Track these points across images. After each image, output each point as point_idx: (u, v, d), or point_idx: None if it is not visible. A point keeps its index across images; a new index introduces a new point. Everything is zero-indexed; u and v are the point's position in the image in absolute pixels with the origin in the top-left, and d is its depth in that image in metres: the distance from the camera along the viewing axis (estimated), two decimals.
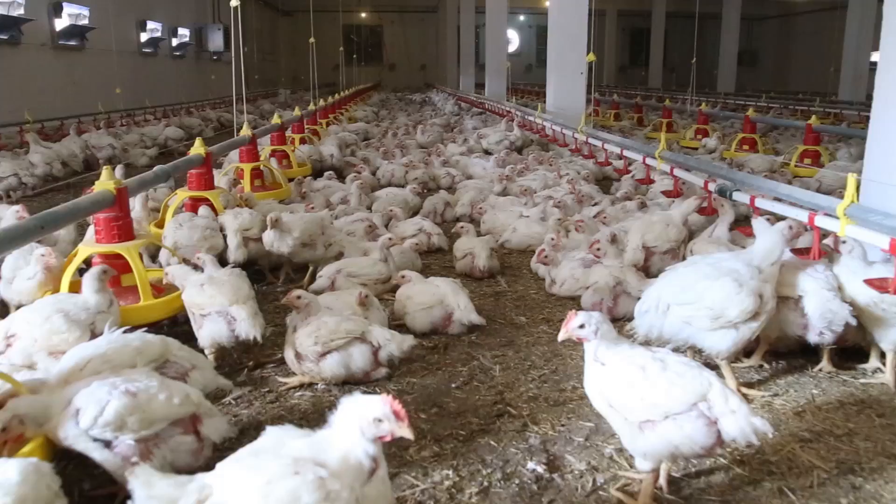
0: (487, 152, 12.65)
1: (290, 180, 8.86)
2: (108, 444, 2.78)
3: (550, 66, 13.70)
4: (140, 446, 2.78)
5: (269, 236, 5.42)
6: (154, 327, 4.47)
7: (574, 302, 5.27)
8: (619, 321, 4.88)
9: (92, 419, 2.73)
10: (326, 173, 9.41)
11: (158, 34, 24.34)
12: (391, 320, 4.90)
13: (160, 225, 5.92)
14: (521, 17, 47.95)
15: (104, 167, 4.45)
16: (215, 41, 29.13)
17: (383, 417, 2.25)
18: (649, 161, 7.38)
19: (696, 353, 4.02)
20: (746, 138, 12.62)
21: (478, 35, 33.11)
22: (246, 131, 7.88)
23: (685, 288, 3.84)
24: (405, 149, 12.65)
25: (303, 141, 11.37)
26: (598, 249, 5.16)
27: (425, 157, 11.51)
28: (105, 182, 4.32)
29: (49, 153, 10.16)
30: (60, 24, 17.67)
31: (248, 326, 3.92)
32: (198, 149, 6.12)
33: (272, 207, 6.56)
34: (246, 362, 4.28)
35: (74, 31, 17.91)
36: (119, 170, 8.31)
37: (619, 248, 5.87)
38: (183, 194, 6.15)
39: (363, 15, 47.27)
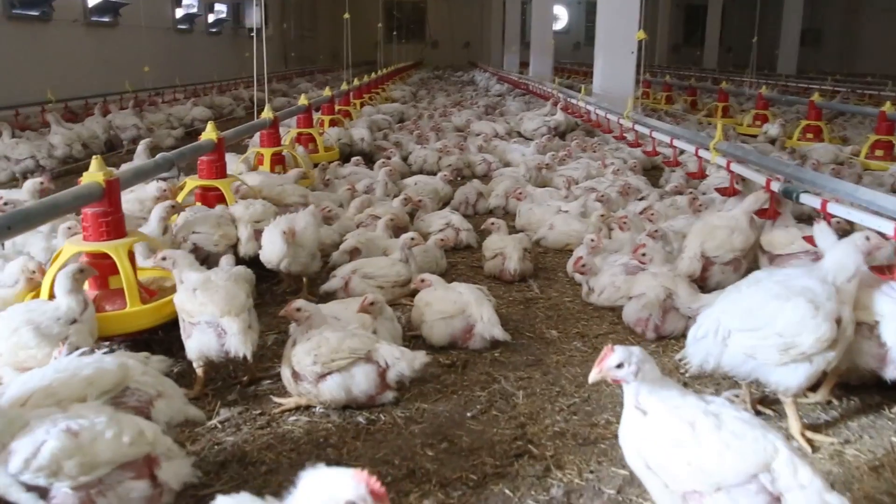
0: (526, 138, 12.01)
1: (317, 165, 8.40)
2: (43, 494, 2.34)
3: (598, 45, 12.92)
4: (80, 495, 2.33)
5: (277, 250, 4.77)
6: (149, 332, 4.07)
7: (614, 313, 4.69)
8: (665, 339, 4.30)
9: (23, 462, 2.29)
10: (353, 159, 8.92)
11: (195, 10, 24.07)
12: (407, 330, 4.41)
13: None
14: None
15: (94, 157, 4.00)
16: (253, 17, 28.77)
17: (358, 501, 1.73)
18: (703, 153, 6.69)
19: (758, 387, 3.43)
20: (811, 126, 11.70)
21: (524, 11, 32.14)
22: (267, 114, 7.40)
23: (751, 311, 3.24)
24: (441, 132, 12.09)
25: (333, 123, 10.87)
26: (644, 255, 4.56)
27: (460, 141, 10.92)
28: (93, 174, 3.87)
29: (70, 134, 9.85)
30: None
31: (237, 343, 3.44)
32: (209, 133, 5.66)
33: (282, 195, 6.08)
34: (240, 377, 3.82)
35: (107, 7, 17.70)
36: (142, 147, 8.12)
37: (667, 250, 5.31)
38: (192, 183, 5.71)
39: None
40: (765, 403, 3.59)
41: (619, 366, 2.45)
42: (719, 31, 39.04)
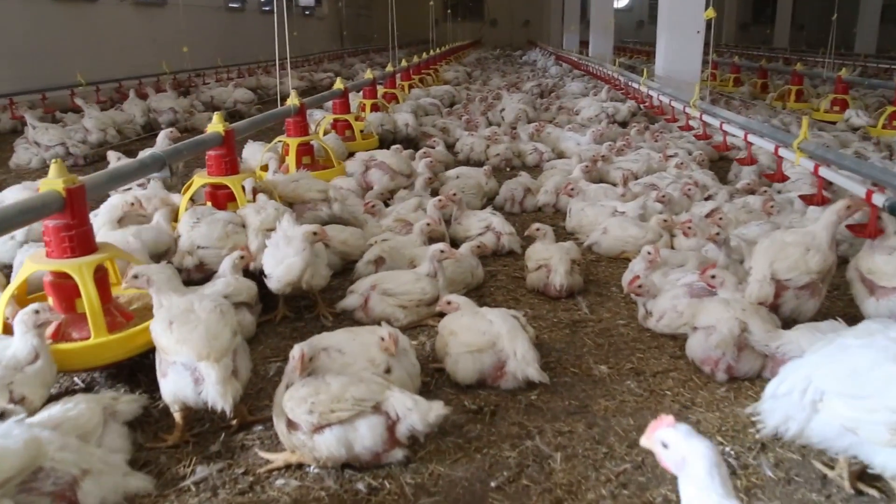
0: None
1: (352, 155, 7.81)
2: None
3: (661, 24, 11.96)
4: None
5: (297, 264, 4.11)
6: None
7: (676, 343, 3.96)
8: (737, 380, 3.57)
9: None
10: (393, 147, 8.27)
11: None
12: (431, 359, 3.79)
13: None
14: None
15: (53, 161, 3.48)
16: None
17: None
18: (784, 153, 5.83)
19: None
20: None
21: None
22: (294, 100, 6.83)
23: (856, 372, 2.51)
24: (491, 115, 11.39)
25: (375, 108, 10.26)
26: (714, 278, 3.82)
27: (510, 128, 10.18)
28: (52, 181, 3.34)
29: (103, 118, 9.50)
30: None
31: (215, 394, 2.86)
32: (215, 125, 5.10)
33: (297, 192, 5.49)
34: (228, 420, 3.26)
35: None
36: (162, 136, 7.62)
37: (733, 258, 4.55)
38: (200, 180, 5.17)
39: None
40: (866, 479, 2.85)
41: (665, 445, 1.80)
42: (791, 9, 36.96)
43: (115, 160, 6.83)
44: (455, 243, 5.51)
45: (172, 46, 16.36)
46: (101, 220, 4.58)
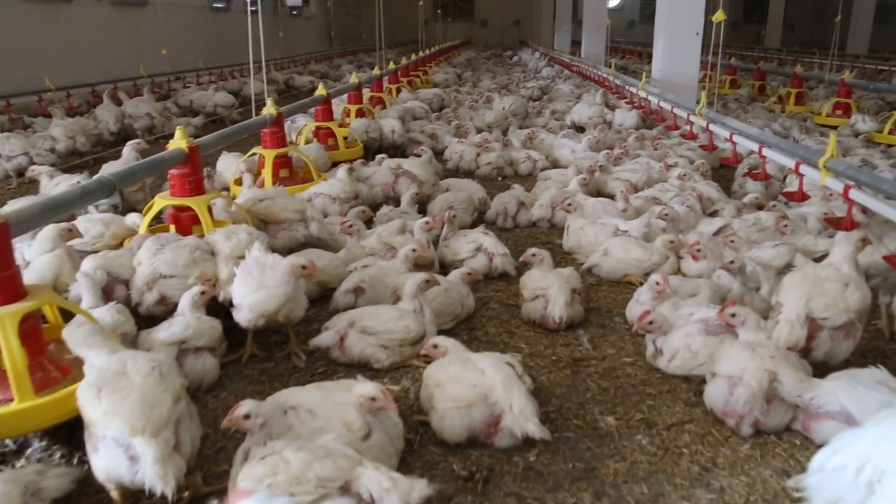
0: (580, 129, 10.74)
1: (336, 165, 7.36)
2: None
3: (659, 25, 11.52)
4: None
5: (276, 294, 3.66)
6: None
7: (689, 385, 3.54)
8: (764, 434, 3.14)
9: None
10: (378, 156, 7.83)
11: None
12: (415, 409, 3.34)
13: None
14: None
15: None
16: None
17: None
18: (806, 170, 5.39)
19: None
20: None
21: None
22: (270, 109, 6.37)
23: None
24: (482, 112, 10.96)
25: (360, 113, 9.80)
26: (734, 316, 3.39)
27: (501, 134, 9.74)
28: None
29: (72, 126, 8.99)
30: None
31: (153, 475, 2.38)
32: (178, 141, 4.62)
33: (271, 210, 5.03)
34: (181, 492, 2.79)
35: None
36: (128, 150, 7.11)
37: (748, 286, 4.14)
38: (162, 202, 4.70)
39: None
40: None
41: None
42: (783, 8, 36.68)
43: (47, 181, 6.26)
44: (443, 266, 5.09)
45: (153, 48, 15.83)
46: (34, 252, 4.11)
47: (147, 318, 3.96)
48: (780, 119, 11.49)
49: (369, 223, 5.72)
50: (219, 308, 3.92)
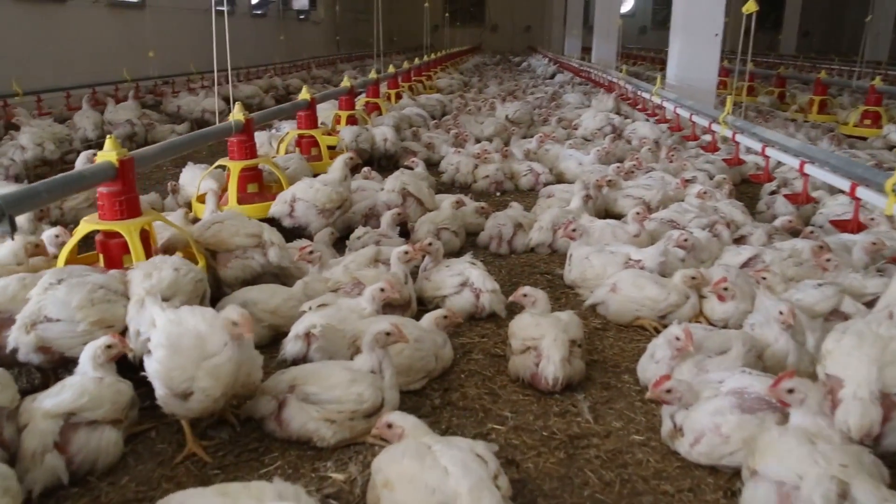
0: (586, 139, 9.95)
1: (316, 176, 6.61)
2: None
3: (675, 26, 10.73)
4: None
5: (223, 369, 2.83)
6: None
7: (719, 481, 2.75)
8: None
9: None
10: (364, 169, 7.09)
11: None
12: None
13: None
14: None
15: None
16: None
17: None
18: (865, 194, 4.57)
19: None
20: None
21: None
22: (238, 115, 5.63)
23: None
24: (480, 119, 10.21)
25: (351, 120, 9.06)
26: (792, 393, 2.60)
27: (502, 145, 8.97)
28: None
29: (39, 132, 8.31)
30: None
31: None
32: (107, 154, 3.89)
33: (221, 237, 4.29)
34: None
35: None
36: (82, 160, 6.41)
37: (799, 342, 3.37)
38: (88, 226, 3.96)
39: None
40: None
41: None
42: (799, 15, 35.77)
43: None
44: (422, 303, 4.32)
45: (148, 52, 15.19)
46: None
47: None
48: (804, 129, 10.68)
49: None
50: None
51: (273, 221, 5.30)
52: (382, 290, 3.73)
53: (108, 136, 3.99)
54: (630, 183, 6.80)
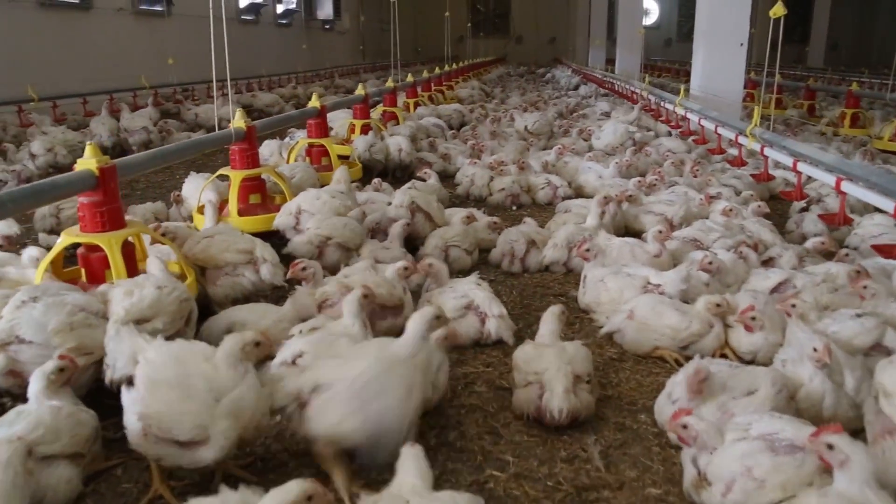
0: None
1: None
2: None
3: (699, 35, 10.37)
4: None
5: (246, 399, 2.60)
6: None
7: None
8: None
9: None
10: (374, 181, 6.83)
11: (261, 0, 22.62)
12: None
13: None
14: None
15: None
16: (325, 9, 27.21)
17: None
18: None
19: None
20: None
21: (611, 5, 29.48)
22: (239, 122, 5.40)
23: None
24: (501, 141, 9.89)
25: (365, 129, 8.82)
26: (832, 449, 2.27)
27: (519, 156, 8.66)
28: None
29: (51, 138, 8.21)
30: None
31: None
32: (87, 162, 3.65)
33: (209, 252, 4.03)
34: None
35: None
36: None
37: (837, 383, 3.04)
38: (69, 239, 3.73)
39: None
40: None
41: None
42: (827, 27, 35.15)
43: None
44: None
45: (173, 59, 15.16)
46: None
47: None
48: (836, 143, 10.26)
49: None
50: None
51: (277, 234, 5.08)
52: (365, 294, 3.42)
53: (88, 143, 3.75)
54: (651, 198, 6.47)
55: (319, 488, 2.04)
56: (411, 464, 2.28)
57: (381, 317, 3.78)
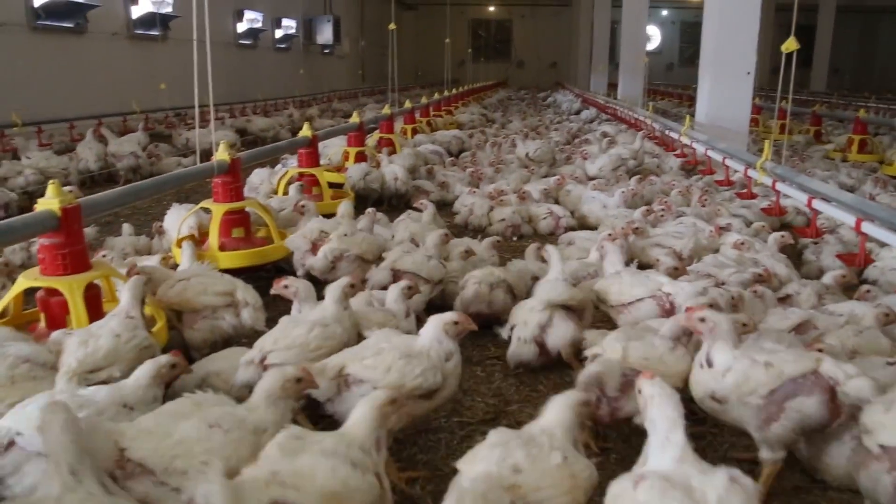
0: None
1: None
2: None
3: (705, 63, 10.14)
4: None
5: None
6: None
7: None
8: None
9: None
10: (369, 210, 6.54)
11: (259, 25, 22.53)
12: None
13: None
14: (664, 13, 43.77)
15: None
16: (325, 34, 27.16)
17: None
18: None
19: None
20: None
21: (614, 31, 29.48)
22: (222, 154, 5.12)
23: None
24: (503, 168, 9.61)
25: (360, 157, 8.55)
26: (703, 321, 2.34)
27: (520, 185, 8.38)
28: None
29: (34, 163, 7.95)
30: (137, 11, 16.00)
31: None
32: (49, 202, 3.36)
33: (185, 296, 3.73)
34: None
35: (154, 19, 16.13)
36: None
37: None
38: (26, 282, 3.43)
39: (491, 9, 44.59)
40: None
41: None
42: (829, 52, 35.17)
43: None
44: None
45: (173, 83, 14.97)
46: None
47: None
48: (845, 170, 9.99)
49: None
50: None
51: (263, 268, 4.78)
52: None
53: (50, 183, 3.45)
54: (659, 230, 6.17)
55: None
56: None
57: None
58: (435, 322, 3.00)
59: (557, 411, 2.40)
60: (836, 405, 2.71)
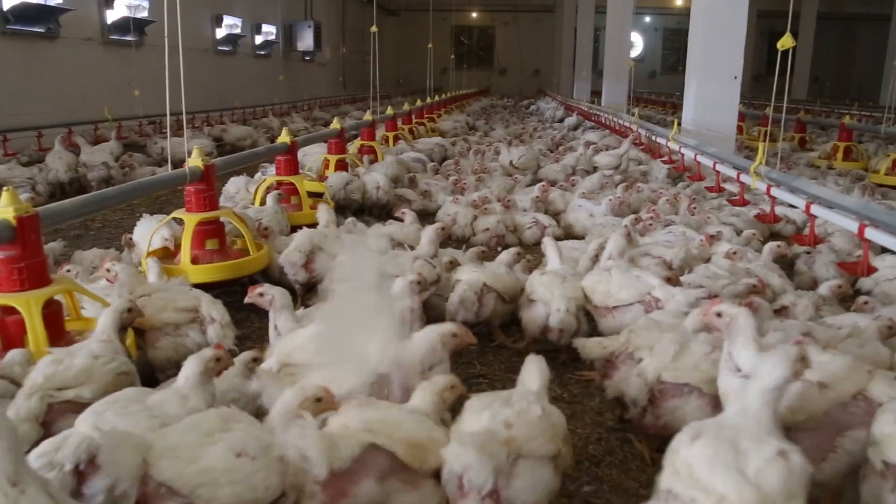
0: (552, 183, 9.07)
1: (295, 230, 5.80)
2: None
3: (691, 68, 10.02)
4: None
5: None
6: None
7: None
8: None
9: None
10: (348, 221, 6.32)
11: (238, 31, 22.25)
12: None
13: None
14: (647, 19, 43.95)
15: None
16: (306, 40, 26.88)
17: None
18: None
19: None
20: None
21: (597, 38, 29.45)
22: (195, 161, 4.87)
23: None
24: (485, 177, 9.40)
25: (341, 165, 8.33)
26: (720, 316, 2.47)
27: (504, 193, 8.19)
28: None
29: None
30: (112, 15, 15.68)
31: None
32: (2, 210, 3.11)
33: (150, 310, 3.49)
34: None
35: (130, 24, 15.80)
36: None
37: None
38: None
39: (474, 15, 44.52)
40: None
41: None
42: (810, 61, 35.47)
43: None
44: None
45: (151, 90, 14.66)
46: None
47: None
48: (831, 177, 9.90)
49: None
50: None
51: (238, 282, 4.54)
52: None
53: (3, 190, 3.21)
54: (647, 239, 5.99)
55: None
56: None
57: None
58: (430, 332, 2.86)
59: (529, 373, 2.62)
60: None
